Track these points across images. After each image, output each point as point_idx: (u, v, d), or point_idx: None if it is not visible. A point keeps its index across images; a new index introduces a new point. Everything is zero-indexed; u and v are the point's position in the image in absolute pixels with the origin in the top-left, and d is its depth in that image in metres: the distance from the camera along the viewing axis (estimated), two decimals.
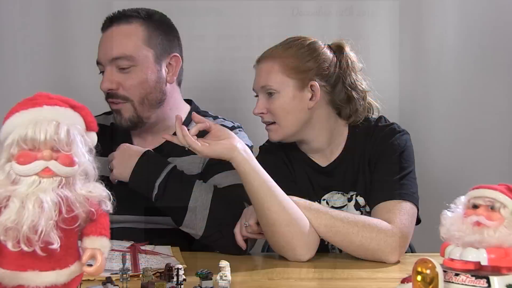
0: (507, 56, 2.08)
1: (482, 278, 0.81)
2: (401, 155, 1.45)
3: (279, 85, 1.45)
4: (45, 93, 0.76)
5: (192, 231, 1.42)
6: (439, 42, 2.08)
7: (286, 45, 1.49)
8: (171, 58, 1.55)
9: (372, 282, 1.20)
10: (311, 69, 1.46)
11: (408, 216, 1.37)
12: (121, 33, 1.50)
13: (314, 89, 1.46)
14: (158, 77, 1.52)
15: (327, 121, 1.51)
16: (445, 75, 2.09)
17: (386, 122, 1.54)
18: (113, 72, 1.50)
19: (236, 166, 1.32)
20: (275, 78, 1.46)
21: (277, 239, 1.34)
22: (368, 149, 1.49)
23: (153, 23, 1.53)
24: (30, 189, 0.69)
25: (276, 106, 1.46)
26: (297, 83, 1.46)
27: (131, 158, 1.44)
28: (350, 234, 1.33)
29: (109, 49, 1.50)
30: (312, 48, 1.48)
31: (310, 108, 1.47)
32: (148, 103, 1.52)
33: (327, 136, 1.51)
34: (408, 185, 1.41)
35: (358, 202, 1.49)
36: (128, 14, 1.53)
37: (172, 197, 1.41)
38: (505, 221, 0.83)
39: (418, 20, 2.09)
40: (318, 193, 1.52)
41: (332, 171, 1.53)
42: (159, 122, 1.58)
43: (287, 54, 1.47)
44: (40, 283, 0.70)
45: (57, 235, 0.69)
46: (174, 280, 1.03)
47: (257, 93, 1.51)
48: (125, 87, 1.50)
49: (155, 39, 1.52)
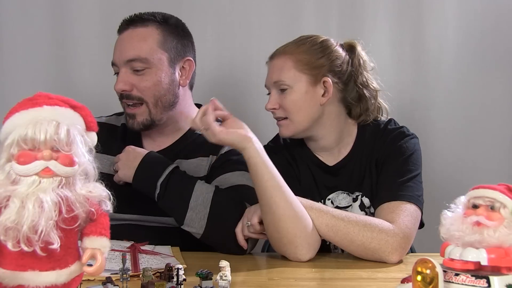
0: (507, 56, 2.08)
1: (482, 278, 0.81)
2: (408, 158, 1.45)
3: (292, 81, 1.46)
4: (45, 93, 0.76)
5: (193, 230, 1.42)
6: (439, 42, 2.08)
7: (299, 42, 1.50)
8: (184, 62, 1.58)
9: (372, 282, 1.20)
10: (323, 65, 1.47)
11: (411, 218, 1.36)
12: (137, 35, 1.53)
13: (326, 85, 1.47)
14: (171, 80, 1.54)
15: (338, 119, 1.51)
16: (445, 75, 2.09)
17: (395, 125, 1.54)
18: (128, 73, 1.52)
19: (247, 158, 1.32)
20: (288, 73, 1.46)
21: (281, 236, 1.33)
22: (376, 150, 1.50)
23: (169, 27, 1.56)
24: (30, 189, 0.69)
25: (289, 101, 1.46)
26: (310, 79, 1.46)
27: (135, 159, 1.46)
28: (351, 233, 1.33)
29: (124, 51, 1.52)
30: (325, 45, 1.49)
31: (322, 104, 1.47)
32: (161, 105, 1.54)
33: (336, 134, 1.52)
34: (413, 187, 1.41)
35: (363, 203, 1.49)
36: (144, 17, 1.55)
37: (173, 196, 1.42)
38: (505, 221, 0.83)
39: (418, 20, 2.09)
40: (322, 193, 1.52)
41: (339, 171, 1.53)
42: (170, 124, 1.60)
43: (300, 50, 1.48)
44: (40, 283, 0.70)
45: (57, 235, 0.69)
46: (174, 280, 1.03)
47: (270, 89, 1.51)
48: (139, 88, 1.52)
49: (170, 43, 1.54)
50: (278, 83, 1.47)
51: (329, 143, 1.52)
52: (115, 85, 1.53)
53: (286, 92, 1.47)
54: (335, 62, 1.48)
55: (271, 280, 1.20)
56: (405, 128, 1.52)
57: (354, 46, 1.54)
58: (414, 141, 1.49)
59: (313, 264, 1.34)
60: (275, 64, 1.50)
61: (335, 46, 1.51)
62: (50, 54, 2.08)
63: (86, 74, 2.08)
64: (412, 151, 1.46)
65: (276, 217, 1.32)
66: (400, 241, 1.32)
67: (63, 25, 2.07)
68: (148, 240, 1.40)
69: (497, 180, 0.90)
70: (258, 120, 2.04)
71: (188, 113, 1.62)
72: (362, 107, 1.53)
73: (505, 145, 2.09)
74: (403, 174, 1.42)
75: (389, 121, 1.55)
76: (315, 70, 1.46)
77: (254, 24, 2.09)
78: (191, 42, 1.62)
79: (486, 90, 2.08)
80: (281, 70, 1.47)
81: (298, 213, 1.32)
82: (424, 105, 2.09)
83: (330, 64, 1.48)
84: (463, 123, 2.09)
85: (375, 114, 1.55)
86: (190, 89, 1.63)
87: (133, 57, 1.50)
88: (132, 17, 1.56)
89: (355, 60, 1.52)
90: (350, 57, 1.52)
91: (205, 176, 1.53)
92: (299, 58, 1.47)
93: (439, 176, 2.03)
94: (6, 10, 2.06)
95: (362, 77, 1.52)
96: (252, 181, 1.36)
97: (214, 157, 1.56)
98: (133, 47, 1.51)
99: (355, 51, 1.53)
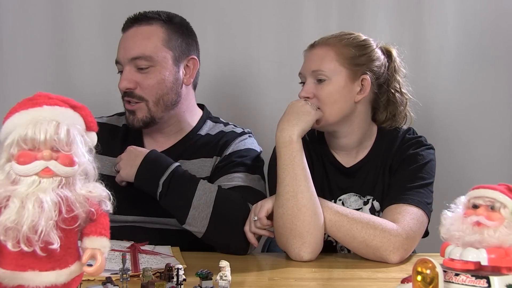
0: (507, 56, 2.08)
1: (482, 278, 0.81)
2: (423, 166, 1.45)
3: (332, 72, 1.45)
4: (45, 93, 0.76)
5: (195, 229, 1.42)
6: (439, 42, 2.08)
7: (342, 36, 1.49)
8: (188, 60, 1.58)
9: (372, 282, 1.20)
10: (364, 63, 1.47)
11: (416, 221, 1.36)
12: (141, 34, 1.53)
13: (364, 83, 1.47)
14: (175, 78, 1.54)
15: (364, 120, 1.52)
16: (445, 75, 2.09)
17: (414, 134, 1.55)
18: (132, 71, 1.52)
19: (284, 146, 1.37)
20: (329, 64, 1.45)
21: (293, 228, 1.33)
22: (392, 156, 1.50)
23: (173, 25, 1.56)
24: (30, 189, 0.69)
25: (325, 93, 1.45)
26: (350, 74, 1.45)
27: (137, 158, 1.46)
28: (353, 230, 1.33)
29: (129, 49, 1.52)
30: (367, 44, 1.49)
31: (357, 101, 1.47)
32: (163, 104, 1.54)
33: (359, 135, 1.51)
34: (423, 194, 1.41)
35: (374, 207, 1.49)
36: (149, 16, 1.55)
37: (176, 195, 1.42)
38: (505, 221, 0.83)
39: (418, 20, 2.09)
40: (334, 193, 1.52)
41: (354, 173, 1.53)
42: (172, 123, 1.60)
43: (343, 44, 1.47)
44: (40, 283, 0.70)
45: (57, 235, 0.69)
46: (174, 280, 1.03)
47: (305, 78, 1.49)
48: (143, 86, 1.52)
49: (174, 41, 1.54)
50: (317, 72, 1.46)
51: (350, 142, 1.52)
52: (119, 83, 1.52)
53: (324, 83, 1.45)
54: (374, 62, 1.48)
55: (271, 280, 1.20)
56: (423, 137, 1.52)
57: (391, 51, 1.54)
58: (430, 151, 1.50)
59: (313, 264, 1.34)
60: (316, 53, 1.48)
61: (375, 47, 1.51)
62: (50, 54, 2.07)
63: (86, 74, 2.08)
64: (428, 160, 1.46)
65: (296, 207, 1.33)
66: (403, 241, 1.32)
67: (63, 25, 2.07)
68: (148, 241, 1.40)
69: (497, 180, 0.90)
70: (258, 120, 2.04)
71: (191, 113, 1.62)
72: (389, 112, 1.53)
73: (505, 145, 2.09)
74: (415, 180, 1.42)
75: (408, 129, 1.55)
76: (356, 66, 1.46)
77: (254, 24, 2.08)
78: (195, 41, 1.62)
79: (486, 90, 2.08)
80: (322, 60, 1.46)
81: (317, 209, 1.34)
82: (424, 105, 2.09)
83: (370, 63, 1.48)
84: (463, 123, 2.09)
85: (400, 121, 1.55)
86: (193, 89, 1.63)
87: (138, 55, 1.50)
88: (137, 15, 1.56)
89: (392, 65, 1.52)
90: (388, 61, 1.52)
91: (207, 177, 1.53)
92: (342, 51, 1.46)
93: (439, 176, 2.01)
94: (6, 10, 2.06)
95: (395, 82, 1.53)
96: (253, 181, 1.36)
97: (218, 158, 1.56)
98: (138, 45, 1.51)
99: (392, 56, 1.54)
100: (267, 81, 2.06)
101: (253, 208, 1.40)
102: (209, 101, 1.80)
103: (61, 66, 2.08)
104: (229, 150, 1.56)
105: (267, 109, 2.03)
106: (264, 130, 1.91)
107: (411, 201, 1.38)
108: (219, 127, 1.64)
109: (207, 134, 1.62)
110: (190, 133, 1.62)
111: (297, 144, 1.37)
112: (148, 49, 1.51)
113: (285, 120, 1.40)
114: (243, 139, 1.60)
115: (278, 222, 1.36)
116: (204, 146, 1.58)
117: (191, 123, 1.62)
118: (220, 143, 1.58)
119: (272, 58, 2.04)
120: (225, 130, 1.62)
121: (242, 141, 1.59)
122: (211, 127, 1.64)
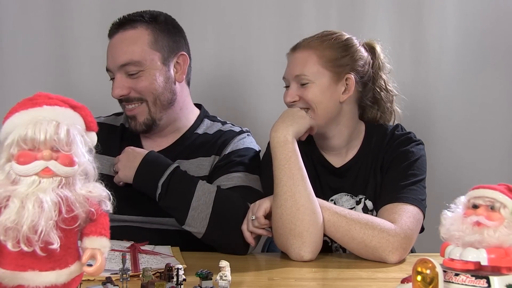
0: (507, 56, 2.08)
1: (482, 278, 0.81)
2: (414, 163, 1.45)
3: (315, 76, 1.45)
4: (45, 93, 0.76)
5: (194, 230, 1.42)
6: (439, 42, 2.08)
7: (323, 37, 1.49)
8: (178, 57, 1.57)
9: (372, 282, 1.20)
10: (348, 64, 1.47)
11: (413, 219, 1.36)
12: (127, 39, 1.52)
13: (349, 83, 1.46)
14: (166, 77, 1.54)
15: (352, 119, 1.52)
16: (445, 75, 2.09)
17: (403, 130, 1.54)
18: (123, 78, 1.52)
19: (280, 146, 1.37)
20: (312, 68, 1.45)
21: (292, 228, 1.33)
22: (382, 154, 1.50)
23: (158, 25, 1.55)
24: (30, 189, 0.69)
25: (309, 95, 1.45)
26: (333, 75, 1.45)
27: (135, 160, 1.46)
28: (352, 230, 1.33)
29: (116, 56, 1.51)
30: (350, 44, 1.49)
31: (342, 101, 1.47)
32: (160, 104, 1.54)
33: (347, 134, 1.52)
34: (417, 191, 1.41)
35: (366, 206, 1.49)
36: (133, 18, 1.54)
37: (175, 196, 1.42)
38: (505, 221, 0.83)
39: (418, 20, 2.09)
40: (326, 194, 1.52)
41: (344, 173, 1.53)
42: (169, 123, 1.59)
43: (324, 46, 1.46)
44: (40, 283, 0.70)
45: (57, 235, 0.69)
46: (174, 280, 1.03)
47: (289, 82, 1.49)
48: (137, 90, 1.52)
49: (161, 42, 1.53)
50: (300, 77, 1.46)
51: (339, 142, 1.52)
52: (112, 91, 1.52)
53: (307, 86, 1.45)
54: (358, 62, 1.48)
55: (271, 280, 1.20)
56: (412, 134, 1.52)
57: (374, 47, 1.54)
58: (420, 147, 1.50)
59: (313, 264, 1.34)
60: (298, 57, 1.48)
61: (358, 46, 1.50)
62: (50, 54, 2.08)
63: (86, 74, 2.08)
64: (418, 156, 1.47)
65: (295, 207, 1.33)
66: (401, 241, 1.32)
67: (63, 25, 2.07)
68: (148, 241, 1.40)
69: (497, 180, 0.90)
70: (258, 120, 2.04)
71: (187, 111, 1.61)
72: (377, 109, 1.53)
73: (505, 145, 2.09)
74: (407, 178, 1.42)
75: (396, 126, 1.55)
76: (339, 67, 1.46)
77: (254, 24, 2.08)
78: (183, 37, 1.60)
79: (486, 90, 2.08)
80: (304, 64, 1.46)
81: (316, 208, 1.34)
82: (424, 105, 2.09)
83: (354, 63, 1.47)
84: (463, 123, 2.09)
85: (388, 118, 1.55)
86: (187, 85, 1.62)
87: (126, 61, 1.50)
88: (121, 19, 1.55)
89: (376, 62, 1.52)
90: (372, 59, 1.52)
91: (206, 176, 1.53)
92: (324, 54, 1.45)
93: (439, 176, 2.03)
94: (6, 10, 2.06)
95: (380, 80, 1.53)
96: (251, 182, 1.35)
97: (217, 157, 1.56)
98: (125, 51, 1.50)
99: (375, 53, 1.53)
100: (267, 81, 2.06)
101: (251, 207, 1.40)
102: (209, 100, 1.80)
103: (61, 66, 2.08)
104: (228, 149, 1.56)
105: (267, 109, 2.03)
106: (264, 130, 1.90)
107: (406, 200, 1.38)
108: (217, 126, 1.64)
109: (205, 133, 1.62)
110: (187, 132, 1.61)
111: (292, 144, 1.38)
112: (136, 54, 1.50)
113: (280, 121, 1.41)
114: (241, 138, 1.59)
115: (277, 223, 1.36)
116: (202, 145, 1.58)
117: (187, 122, 1.62)
118: (218, 142, 1.58)
119: (272, 58, 2.04)
120: (223, 129, 1.62)
121: (241, 140, 1.59)
122: (209, 125, 1.64)
